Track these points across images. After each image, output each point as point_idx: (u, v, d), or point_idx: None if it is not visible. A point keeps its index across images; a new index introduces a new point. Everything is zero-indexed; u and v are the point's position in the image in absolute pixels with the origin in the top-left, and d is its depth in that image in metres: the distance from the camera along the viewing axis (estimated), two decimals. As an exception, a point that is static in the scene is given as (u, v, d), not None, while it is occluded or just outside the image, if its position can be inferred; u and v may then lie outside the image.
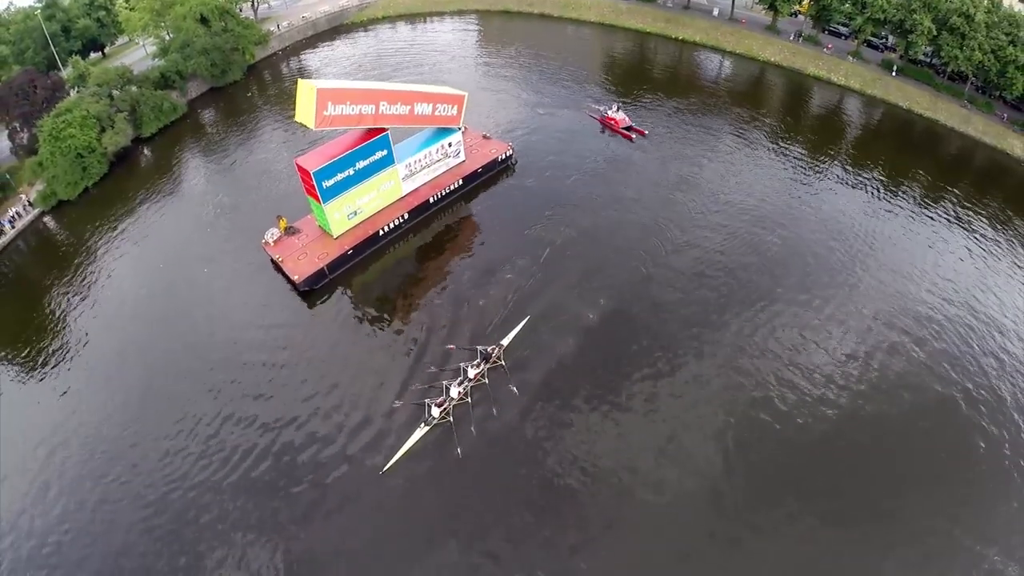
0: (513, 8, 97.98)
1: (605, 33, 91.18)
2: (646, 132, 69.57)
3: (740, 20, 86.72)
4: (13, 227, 68.63)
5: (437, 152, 61.68)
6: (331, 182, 53.52)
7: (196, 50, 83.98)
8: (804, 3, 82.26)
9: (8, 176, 73.35)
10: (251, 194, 67.20)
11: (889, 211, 60.05)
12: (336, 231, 56.05)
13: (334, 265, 54.37)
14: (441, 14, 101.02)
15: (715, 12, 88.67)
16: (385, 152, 56.93)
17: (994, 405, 42.04)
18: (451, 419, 42.16)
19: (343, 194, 54.96)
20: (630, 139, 69.04)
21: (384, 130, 56.14)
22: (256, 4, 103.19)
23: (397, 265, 57.42)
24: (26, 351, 53.21)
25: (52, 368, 50.99)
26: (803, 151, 68.83)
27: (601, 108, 73.25)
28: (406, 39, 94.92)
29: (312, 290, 53.48)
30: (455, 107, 61.14)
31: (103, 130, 72.61)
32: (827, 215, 59.08)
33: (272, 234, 56.69)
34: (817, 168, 66.28)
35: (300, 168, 53.67)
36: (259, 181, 69.24)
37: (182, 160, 76.34)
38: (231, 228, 62.45)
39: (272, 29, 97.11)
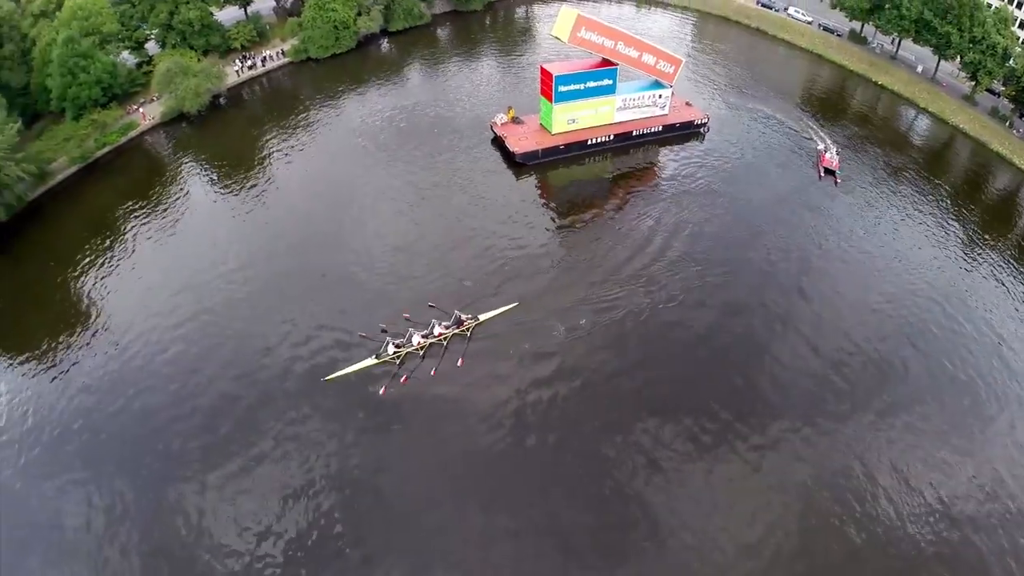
0: (732, 17, 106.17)
1: (812, 60, 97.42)
2: (839, 182, 67.42)
3: (941, 82, 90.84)
4: (264, 65, 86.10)
5: (648, 99, 71.68)
6: (566, 88, 65.14)
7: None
8: (1008, 87, 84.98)
9: (268, 27, 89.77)
10: (476, 93, 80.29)
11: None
12: (555, 129, 67.57)
13: (547, 152, 66.20)
14: (664, 5, 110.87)
15: (919, 68, 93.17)
16: (610, 82, 67.94)
17: None
18: (398, 362, 43.96)
19: (570, 102, 66.43)
20: (818, 176, 67.84)
21: (615, 64, 66.94)
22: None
23: (591, 171, 68.69)
24: (236, 172, 66.21)
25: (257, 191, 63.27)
26: (971, 225, 65.45)
27: (825, 145, 72.90)
28: (629, 17, 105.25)
29: (524, 165, 65.21)
30: (672, 67, 71.02)
31: (359, 14, 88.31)
32: (980, 312, 53.55)
33: (500, 118, 69.14)
34: (981, 251, 61.70)
35: (544, 71, 65.59)
36: (482, 87, 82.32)
37: (419, 56, 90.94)
38: (457, 112, 75.66)
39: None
